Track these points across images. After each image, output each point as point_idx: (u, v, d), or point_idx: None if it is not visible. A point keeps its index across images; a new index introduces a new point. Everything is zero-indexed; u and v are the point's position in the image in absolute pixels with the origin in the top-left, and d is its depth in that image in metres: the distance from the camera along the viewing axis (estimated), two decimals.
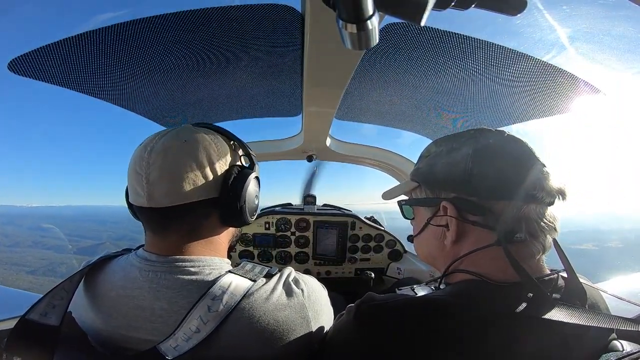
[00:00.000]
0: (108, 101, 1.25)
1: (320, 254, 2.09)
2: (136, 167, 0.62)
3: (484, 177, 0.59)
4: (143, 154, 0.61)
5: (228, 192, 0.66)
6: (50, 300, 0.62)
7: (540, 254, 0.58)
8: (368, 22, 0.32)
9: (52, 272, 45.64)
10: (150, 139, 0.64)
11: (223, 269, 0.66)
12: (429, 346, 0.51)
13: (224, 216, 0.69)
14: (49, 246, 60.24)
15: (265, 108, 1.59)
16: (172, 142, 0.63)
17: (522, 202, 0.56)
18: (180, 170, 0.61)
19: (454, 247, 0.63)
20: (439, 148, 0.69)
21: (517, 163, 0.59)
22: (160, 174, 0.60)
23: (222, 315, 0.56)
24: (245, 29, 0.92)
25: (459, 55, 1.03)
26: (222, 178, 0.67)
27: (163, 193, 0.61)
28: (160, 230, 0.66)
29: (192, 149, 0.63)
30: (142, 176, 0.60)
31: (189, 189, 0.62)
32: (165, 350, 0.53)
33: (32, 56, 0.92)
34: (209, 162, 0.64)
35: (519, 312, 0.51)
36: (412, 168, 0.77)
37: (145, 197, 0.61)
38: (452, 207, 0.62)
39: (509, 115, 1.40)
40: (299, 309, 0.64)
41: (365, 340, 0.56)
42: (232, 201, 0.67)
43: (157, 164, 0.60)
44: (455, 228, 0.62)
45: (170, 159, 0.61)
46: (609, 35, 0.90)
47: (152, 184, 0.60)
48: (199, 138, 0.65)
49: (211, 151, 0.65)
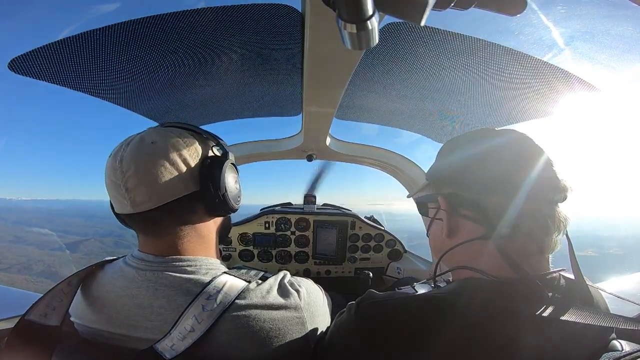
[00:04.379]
0: (108, 100, 1.25)
1: (320, 253, 2.09)
2: (112, 178, 0.62)
3: (476, 173, 0.61)
4: (115, 164, 0.62)
5: (207, 183, 0.67)
6: (49, 301, 0.63)
7: (538, 253, 0.58)
8: (368, 22, 0.32)
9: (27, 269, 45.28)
10: (118, 148, 0.65)
11: (219, 269, 0.67)
12: (429, 343, 0.52)
13: (209, 207, 0.70)
14: (31, 242, 59.72)
15: (265, 108, 1.59)
16: (140, 146, 0.63)
17: (514, 199, 0.56)
18: (155, 171, 0.61)
19: (449, 241, 0.65)
20: (446, 148, 0.72)
21: (513, 162, 0.59)
22: (138, 180, 0.61)
23: (216, 315, 0.57)
24: (245, 28, 0.92)
25: (458, 55, 1.03)
26: (198, 170, 0.67)
27: (145, 197, 0.61)
28: (152, 231, 0.67)
29: (162, 149, 0.64)
30: (120, 185, 0.61)
31: (168, 189, 0.62)
32: (162, 349, 0.54)
33: (32, 56, 0.92)
34: (181, 158, 0.65)
35: (519, 310, 0.52)
36: (412, 167, 0.79)
37: (129, 205, 0.62)
38: (444, 201, 0.65)
39: (509, 115, 1.40)
40: (295, 310, 0.65)
41: (366, 337, 0.56)
42: (213, 191, 0.68)
43: (131, 170, 0.61)
44: (447, 222, 0.64)
45: (143, 163, 0.61)
46: (609, 35, 0.90)
47: (132, 190, 0.61)
48: (166, 137, 0.66)
49: (180, 147, 0.66)
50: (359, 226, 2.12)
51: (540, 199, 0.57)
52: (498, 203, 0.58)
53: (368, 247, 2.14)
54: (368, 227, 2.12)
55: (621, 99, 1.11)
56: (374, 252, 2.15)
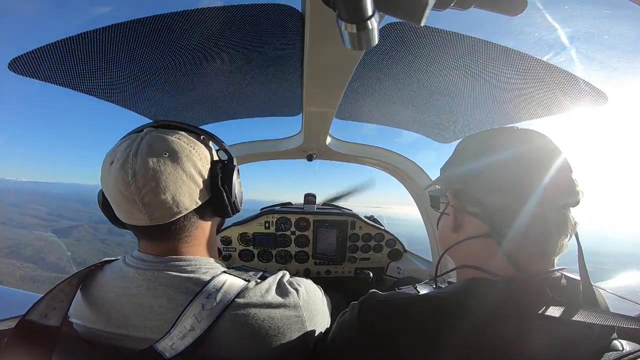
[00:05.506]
0: (108, 100, 1.25)
1: (320, 253, 2.09)
2: (123, 192, 0.59)
3: (487, 173, 0.61)
4: (127, 179, 0.58)
5: (219, 191, 0.69)
6: (49, 302, 0.63)
7: (540, 255, 0.58)
8: (368, 22, 0.32)
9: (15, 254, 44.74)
10: (123, 156, 0.60)
11: (218, 269, 0.67)
12: (432, 343, 0.52)
13: (218, 212, 0.72)
14: (24, 225, 59.07)
15: (265, 107, 1.59)
16: (154, 159, 0.60)
17: (521, 202, 0.56)
18: (174, 187, 0.61)
19: (455, 236, 0.66)
20: (462, 144, 0.73)
21: (526, 166, 0.59)
22: (156, 196, 0.59)
23: (215, 313, 0.57)
24: (245, 28, 0.92)
25: (458, 55, 1.03)
26: (210, 179, 0.69)
27: (165, 212, 0.61)
28: (159, 238, 0.67)
29: (178, 161, 0.62)
30: (136, 200, 0.59)
31: (187, 201, 0.63)
32: (162, 349, 0.54)
33: (31, 56, 0.92)
34: (196, 170, 0.65)
35: (522, 309, 0.52)
36: (412, 167, 0.80)
37: (146, 219, 0.61)
38: (453, 197, 0.66)
39: (509, 115, 1.40)
40: (294, 308, 0.65)
41: (368, 336, 0.56)
42: (225, 198, 0.70)
43: (149, 186, 0.59)
44: (453, 217, 0.65)
45: (163, 180, 0.60)
46: (609, 35, 0.90)
47: (150, 206, 0.60)
48: (177, 147, 0.63)
49: (194, 158, 0.65)
50: (359, 226, 2.11)
51: (548, 203, 0.56)
52: (504, 204, 0.58)
53: (368, 247, 2.14)
54: (368, 227, 2.12)
55: (621, 99, 1.11)
56: (374, 252, 2.15)
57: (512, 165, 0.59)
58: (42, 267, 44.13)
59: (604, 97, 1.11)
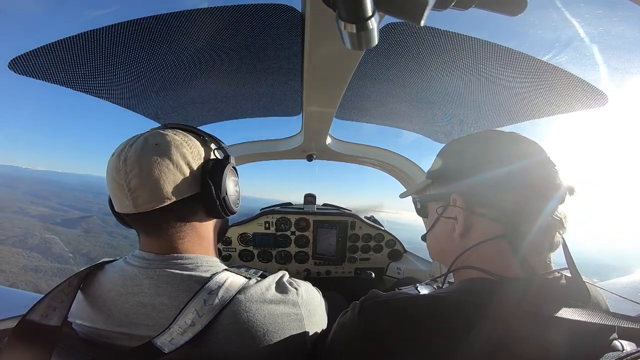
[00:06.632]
0: (108, 100, 1.25)
1: (320, 253, 2.09)
2: (115, 177, 0.63)
3: (491, 171, 0.60)
4: (118, 164, 0.62)
5: (208, 186, 0.68)
6: (50, 302, 0.63)
7: (547, 250, 0.59)
8: (368, 22, 0.32)
9: (22, 243, 45.00)
10: (122, 148, 0.65)
11: (219, 267, 0.68)
12: (431, 343, 0.52)
13: (208, 209, 0.71)
14: (34, 214, 59.46)
15: (265, 108, 1.59)
16: (144, 147, 0.63)
17: (529, 196, 0.57)
18: (158, 173, 0.62)
19: (462, 240, 0.64)
20: (452, 147, 0.71)
21: (526, 160, 0.60)
22: (141, 181, 0.61)
23: (217, 309, 0.57)
24: (245, 28, 0.92)
25: (458, 55, 1.03)
26: (200, 173, 0.68)
27: (147, 198, 0.62)
28: (153, 231, 0.67)
29: (165, 151, 0.64)
30: (123, 185, 0.61)
31: (170, 190, 0.63)
32: (161, 344, 0.54)
33: (31, 56, 0.92)
34: (184, 160, 0.66)
35: (524, 309, 0.52)
36: (412, 168, 0.79)
37: (131, 205, 0.62)
38: (460, 199, 0.63)
39: (509, 115, 1.40)
40: (293, 306, 0.66)
41: (369, 336, 0.56)
42: (214, 194, 0.69)
43: (135, 171, 0.61)
44: (462, 220, 0.63)
45: (146, 164, 0.62)
46: (609, 35, 0.90)
47: (135, 190, 0.61)
48: (169, 139, 0.66)
49: (184, 150, 0.66)
50: (359, 226, 2.12)
51: (550, 196, 0.57)
52: (515, 201, 0.58)
53: (368, 247, 2.14)
54: (368, 227, 2.12)
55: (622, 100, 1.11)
56: (374, 252, 2.15)
57: (513, 162, 0.59)
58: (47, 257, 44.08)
59: (604, 97, 1.11)
